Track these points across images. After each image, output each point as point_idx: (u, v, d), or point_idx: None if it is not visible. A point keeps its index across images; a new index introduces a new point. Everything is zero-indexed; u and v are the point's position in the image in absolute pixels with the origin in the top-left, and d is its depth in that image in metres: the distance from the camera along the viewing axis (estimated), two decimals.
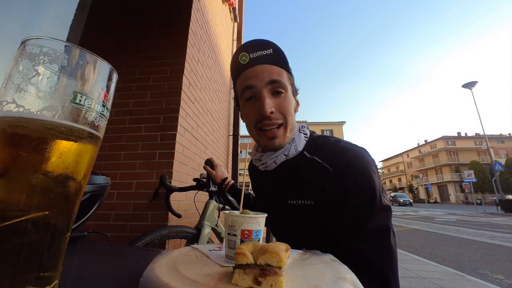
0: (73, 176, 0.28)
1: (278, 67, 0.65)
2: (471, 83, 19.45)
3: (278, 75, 0.64)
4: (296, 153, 0.68)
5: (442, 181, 41.26)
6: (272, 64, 0.65)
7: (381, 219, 0.57)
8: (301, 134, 0.71)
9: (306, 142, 0.70)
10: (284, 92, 0.65)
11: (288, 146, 0.68)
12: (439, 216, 13.24)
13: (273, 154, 0.69)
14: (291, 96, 0.68)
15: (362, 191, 0.57)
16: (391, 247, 0.56)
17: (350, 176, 0.58)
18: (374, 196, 0.57)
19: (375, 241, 0.56)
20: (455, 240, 6.04)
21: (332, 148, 0.64)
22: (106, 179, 0.69)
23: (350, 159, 0.59)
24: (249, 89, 0.65)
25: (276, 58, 0.66)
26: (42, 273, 0.26)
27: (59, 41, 0.26)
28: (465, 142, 42.40)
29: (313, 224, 0.63)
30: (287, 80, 0.66)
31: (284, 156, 0.68)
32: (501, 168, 17.93)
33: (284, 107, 0.65)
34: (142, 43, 2.27)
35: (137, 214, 1.83)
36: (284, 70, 0.67)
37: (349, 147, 0.62)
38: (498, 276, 3.28)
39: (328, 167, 0.60)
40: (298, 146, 0.68)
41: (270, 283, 0.31)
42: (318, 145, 0.68)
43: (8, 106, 0.24)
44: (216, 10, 3.47)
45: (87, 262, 0.51)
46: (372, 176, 0.58)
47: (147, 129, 2.02)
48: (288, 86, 0.66)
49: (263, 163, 0.71)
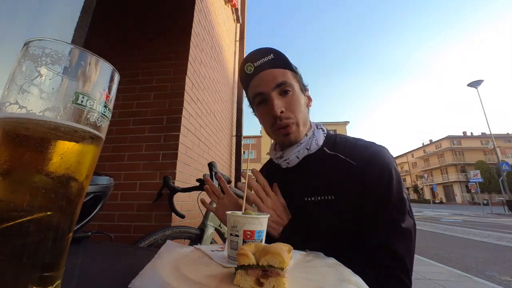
0: (75, 176, 0.28)
1: (281, 69, 0.70)
2: (476, 82, 19.22)
3: (282, 76, 0.69)
4: (318, 147, 0.72)
5: (447, 181, 40.79)
6: (275, 67, 0.70)
7: (401, 210, 0.59)
8: (319, 130, 0.75)
9: (325, 139, 0.74)
10: (291, 91, 0.69)
11: (309, 141, 0.72)
12: (445, 216, 13.08)
13: (295, 149, 0.71)
14: (299, 93, 0.72)
15: (384, 184, 0.60)
16: (408, 232, 0.58)
17: (373, 170, 0.61)
18: (398, 189, 0.60)
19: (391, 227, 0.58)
20: (461, 241, 5.96)
21: (354, 145, 0.69)
22: (109, 179, 0.69)
23: (374, 154, 0.63)
24: (259, 95, 0.71)
25: (277, 61, 0.70)
26: (45, 273, 0.26)
27: (61, 42, 0.27)
28: (471, 141, 41.86)
29: (332, 218, 0.63)
30: (292, 79, 0.71)
31: (307, 150, 0.71)
32: (508, 168, 17.65)
33: (293, 104, 0.69)
34: (146, 45, 2.29)
35: (141, 215, 1.84)
36: (288, 70, 0.71)
37: (370, 144, 0.68)
38: (506, 278, 3.23)
39: (352, 162, 0.63)
40: (318, 141, 0.72)
41: (272, 284, 0.31)
42: (338, 142, 0.72)
43: (11, 107, 0.25)
44: (219, 11, 3.48)
45: (90, 262, 0.51)
46: (393, 170, 0.61)
47: (150, 130, 2.03)
48: (294, 83, 0.71)
49: (285, 159, 0.73)
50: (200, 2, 2.51)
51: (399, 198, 0.60)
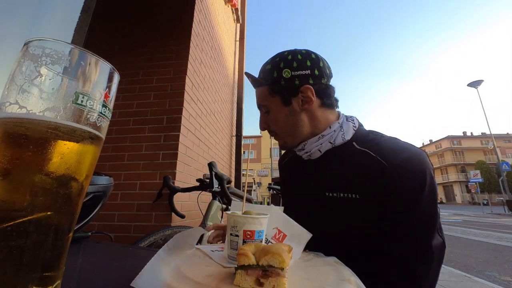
0: (75, 176, 0.28)
1: (261, 88, 0.72)
2: (476, 82, 19.21)
3: (260, 98, 0.73)
4: (343, 141, 0.66)
5: (447, 181, 40.76)
6: (258, 87, 0.73)
7: (429, 225, 0.54)
8: (349, 123, 0.69)
9: (355, 133, 0.68)
10: (269, 110, 0.72)
11: (333, 134, 0.67)
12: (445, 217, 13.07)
13: (317, 141, 0.67)
14: (278, 109, 0.70)
15: (414, 192, 0.54)
16: (432, 253, 0.52)
17: (405, 174, 0.55)
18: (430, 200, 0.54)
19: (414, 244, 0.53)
20: (461, 241, 5.96)
21: (389, 143, 0.62)
22: (109, 179, 0.69)
23: (409, 158, 0.56)
24: None
25: (260, 81, 0.71)
26: (45, 273, 0.26)
27: (61, 42, 0.27)
28: (471, 141, 41.84)
29: (352, 217, 0.59)
30: (268, 97, 0.70)
31: (330, 144, 0.66)
32: (508, 168, 17.66)
33: (272, 122, 0.73)
34: (146, 45, 2.29)
35: (141, 215, 1.84)
36: (266, 86, 0.70)
37: (408, 146, 0.60)
38: (506, 278, 3.23)
39: (383, 161, 0.57)
40: (346, 134, 0.67)
41: (272, 284, 0.31)
42: (370, 138, 0.65)
43: (11, 107, 0.25)
44: (219, 11, 3.48)
45: (90, 262, 0.51)
46: (428, 178, 0.55)
47: (150, 130, 2.03)
48: (271, 101, 0.70)
49: (307, 151, 0.69)
50: (200, 2, 2.51)
51: (430, 211, 0.54)
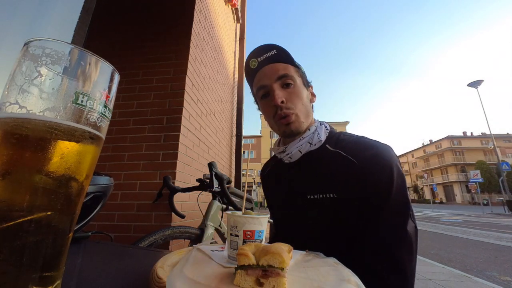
0: (75, 176, 0.28)
1: (283, 63, 0.72)
2: (476, 82, 19.21)
3: (284, 70, 0.71)
4: (319, 141, 0.71)
5: (447, 181, 40.77)
6: (277, 62, 0.72)
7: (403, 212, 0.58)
8: (322, 126, 0.75)
9: (328, 135, 0.73)
10: (293, 83, 0.71)
11: (312, 136, 0.71)
12: (445, 216, 13.07)
13: (297, 143, 0.71)
14: (301, 87, 0.73)
15: (385, 184, 0.58)
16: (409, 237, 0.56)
17: (374, 168, 0.59)
18: (401, 190, 0.58)
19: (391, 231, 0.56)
20: (461, 241, 5.95)
21: (357, 142, 0.67)
22: (109, 179, 0.69)
23: (376, 154, 0.61)
24: (262, 88, 0.73)
25: (280, 56, 0.72)
26: (45, 273, 0.26)
27: (61, 42, 0.27)
28: (471, 141, 41.83)
29: (333, 217, 0.62)
30: (294, 73, 0.72)
31: (309, 144, 0.71)
32: (508, 168, 17.64)
33: (294, 96, 0.70)
34: (146, 45, 2.29)
35: (141, 215, 1.84)
36: (290, 64, 0.72)
37: (373, 143, 0.65)
38: (506, 278, 3.23)
39: (354, 160, 0.62)
40: (320, 135, 0.71)
41: (272, 284, 0.31)
42: (341, 139, 0.71)
43: (11, 107, 0.25)
44: (219, 11, 3.48)
45: (90, 262, 0.51)
46: (395, 169, 0.59)
47: (150, 130, 2.03)
48: (296, 77, 0.72)
49: (288, 153, 0.73)
50: (200, 2, 2.51)
51: (402, 199, 0.57)
